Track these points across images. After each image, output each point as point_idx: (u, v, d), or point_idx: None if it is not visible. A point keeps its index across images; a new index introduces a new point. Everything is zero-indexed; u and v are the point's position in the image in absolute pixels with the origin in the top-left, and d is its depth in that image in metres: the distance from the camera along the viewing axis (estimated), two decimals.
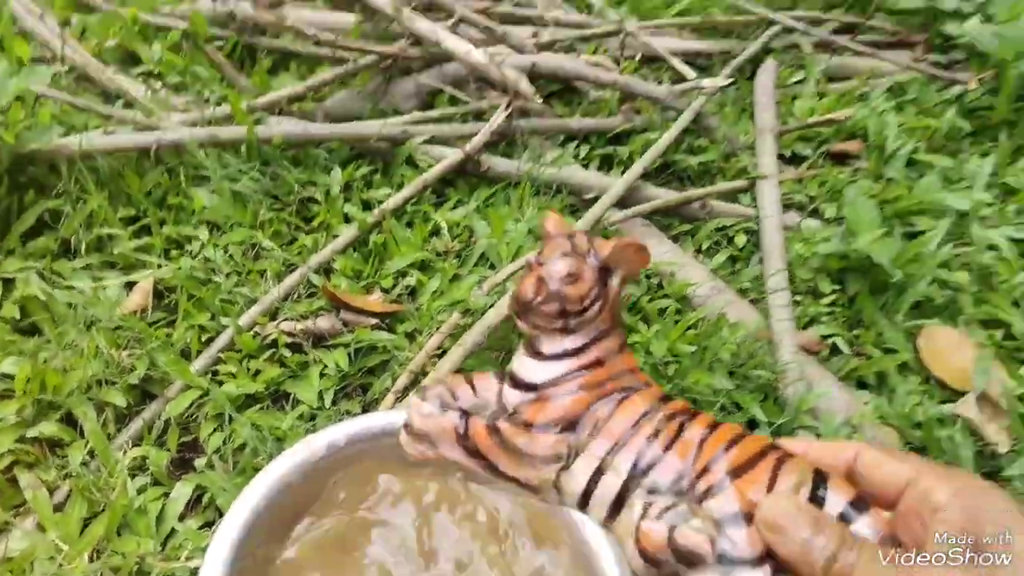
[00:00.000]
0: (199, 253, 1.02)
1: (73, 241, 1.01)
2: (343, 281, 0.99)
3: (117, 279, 0.98)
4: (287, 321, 0.93)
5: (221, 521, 0.56)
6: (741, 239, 1.14)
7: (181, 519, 0.77)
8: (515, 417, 0.42)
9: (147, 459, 0.80)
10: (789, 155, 1.31)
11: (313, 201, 1.12)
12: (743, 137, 1.29)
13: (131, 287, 0.97)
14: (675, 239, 1.13)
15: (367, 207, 1.11)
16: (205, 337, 0.93)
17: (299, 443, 0.60)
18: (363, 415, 0.65)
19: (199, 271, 0.99)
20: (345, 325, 0.94)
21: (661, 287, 1.04)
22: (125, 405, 0.85)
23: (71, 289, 0.95)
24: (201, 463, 0.81)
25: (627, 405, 0.41)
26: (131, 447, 0.82)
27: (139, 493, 0.78)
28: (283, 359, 0.90)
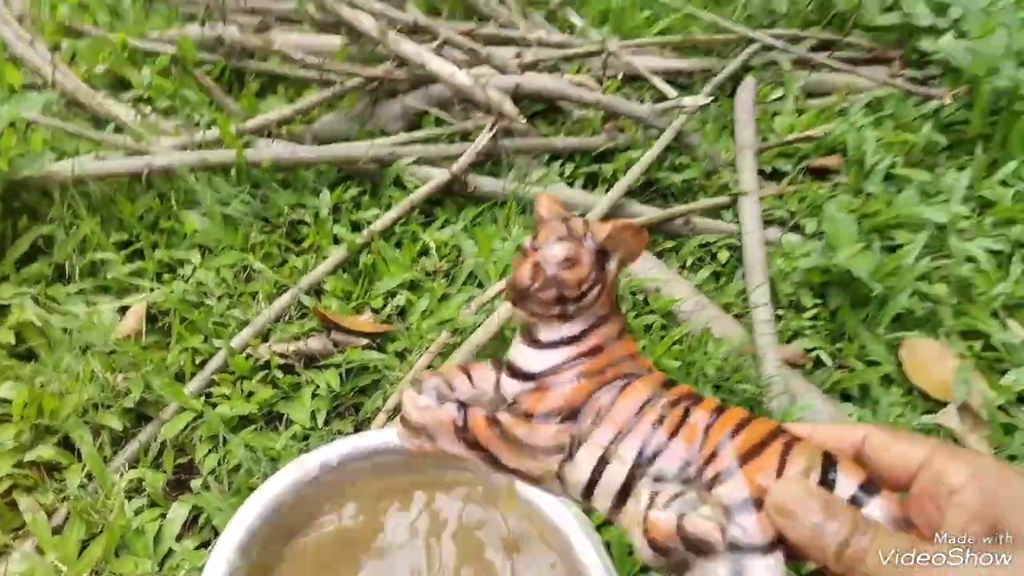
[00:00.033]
0: (191, 276, 1.03)
1: (67, 266, 1.02)
2: (334, 302, 1.01)
3: (111, 303, 0.99)
4: (279, 343, 0.94)
5: (217, 541, 0.57)
6: (724, 255, 1.15)
7: (178, 539, 0.78)
8: (515, 407, 0.41)
9: (143, 481, 0.81)
10: (770, 171, 1.34)
11: (303, 223, 1.13)
12: (724, 154, 1.32)
13: (125, 311, 0.99)
14: (659, 255, 1.15)
15: (356, 228, 1.12)
16: (198, 360, 0.94)
17: (293, 463, 0.61)
18: (355, 434, 0.66)
19: (192, 294, 1.00)
20: (336, 345, 0.95)
21: (647, 303, 1.05)
22: (121, 428, 0.86)
23: (66, 314, 0.96)
24: (197, 484, 0.82)
25: (629, 392, 0.40)
26: (128, 469, 0.83)
27: (136, 514, 0.79)
28: (276, 380, 0.92)
